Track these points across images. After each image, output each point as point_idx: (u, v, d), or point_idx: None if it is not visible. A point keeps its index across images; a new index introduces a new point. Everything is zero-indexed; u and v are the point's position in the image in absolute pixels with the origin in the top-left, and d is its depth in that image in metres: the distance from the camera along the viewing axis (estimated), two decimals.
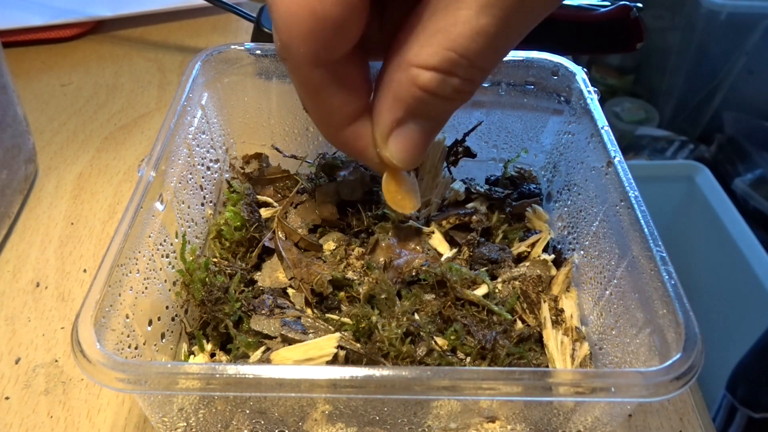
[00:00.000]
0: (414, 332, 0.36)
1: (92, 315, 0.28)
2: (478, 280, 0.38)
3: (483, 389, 0.27)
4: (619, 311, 0.35)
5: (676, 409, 0.39)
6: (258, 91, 0.47)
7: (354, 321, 0.36)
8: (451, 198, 0.45)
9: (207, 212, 0.44)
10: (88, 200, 0.51)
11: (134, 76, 0.64)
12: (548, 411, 0.31)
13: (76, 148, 0.56)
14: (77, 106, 0.60)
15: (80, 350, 0.27)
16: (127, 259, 0.32)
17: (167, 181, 0.37)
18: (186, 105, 0.40)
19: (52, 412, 0.38)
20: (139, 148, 0.56)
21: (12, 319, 0.42)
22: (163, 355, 0.36)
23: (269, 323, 0.36)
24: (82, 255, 0.47)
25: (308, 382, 0.27)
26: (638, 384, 0.27)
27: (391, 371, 0.27)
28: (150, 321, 0.34)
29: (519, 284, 0.39)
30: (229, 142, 0.48)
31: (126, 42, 0.69)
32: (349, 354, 0.34)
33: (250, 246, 0.42)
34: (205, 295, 0.37)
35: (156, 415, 0.31)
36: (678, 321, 0.29)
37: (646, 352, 0.31)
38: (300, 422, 0.32)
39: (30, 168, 0.51)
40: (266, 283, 0.40)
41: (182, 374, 0.27)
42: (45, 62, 0.65)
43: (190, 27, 0.71)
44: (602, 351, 0.36)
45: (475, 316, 0.37)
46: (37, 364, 0.40)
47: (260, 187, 0.47)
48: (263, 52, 0.45)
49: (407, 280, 0.39)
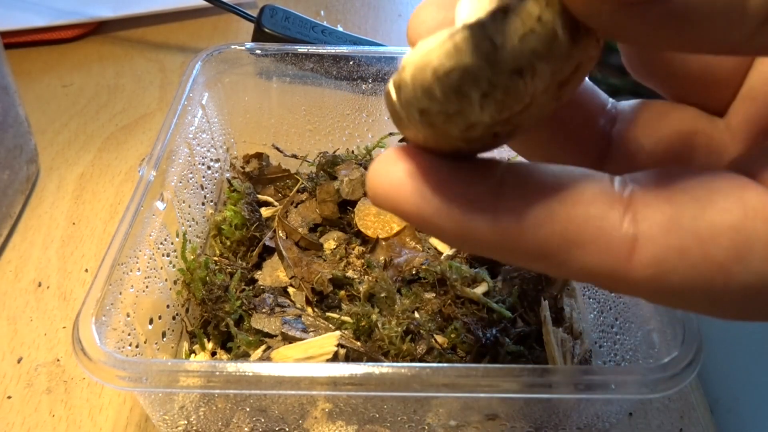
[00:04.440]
0: (414, 330, 0.36)
1: (93, 313, 0.28)
2: (478, 279, 0.38)
3: (482, 386, 0.27)
4: (618, 309, 0.35)
5: (677, 406, 0.39)
6: (258, 91, 0.47)
7: (354, 319, 0.36)
8: None
9: (207, 211, 0.44)
10: (90, 200, 0.51)
11: (135, 77, 0.64)
12: (548, 408, 0.31)
13: (78, 149, 0.56)
14: (79, 106, 0.60)
15: (81, 348, 0.27)
16: (128, 258, 0.32)
17: (168, 180, 0.37)
18: (187, 105, 0.40)
19: (54, 411, 0.38)
20: (141, 148, 0.56)
21: (14, 318, 0.42)
22: (164, 353, 0.36)
23: (270, 322, 0.36)
24: (84, 255, 0.47)
25: (308, 380, 0.27)
26: (638, 381, 0.27)
27: (391, 369, 0.27)
28: (151, 319, 0.34)
29: (519, 282, 0.39)
30: (229, 142, 0.48)
31: (127, 42, 0.69)
32: (350, 352, 0.34)
33: (250, 245, 0.42)
34: (206, 293, 0.38)
35: (157, 414, 0.31)
36: (677, 318, 0.29)
37: (646, 349, 0.31)
38: (300, 420, 0.32)
39: (32, 168, 0.51)
40: (267, 282, 0.40)
41: (183, 372, 0.27)
42: (46, 63, 0.66)
43: (190, 27, 0.72)
44: (602, 349, 0.36)
45: (475, 314, 0.37)
46: (39, 364, 0.40)
47: (261, 186, 0.47)
48: (263, 52, 0.45)
49: (407, 279, 0.39)
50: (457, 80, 0.14)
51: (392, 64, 0.46)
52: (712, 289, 0.14)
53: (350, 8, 0.76)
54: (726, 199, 0.14)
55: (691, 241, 0.13)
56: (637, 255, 0.14)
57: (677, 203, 0.14)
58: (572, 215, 0.14)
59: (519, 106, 0.14)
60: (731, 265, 0.13)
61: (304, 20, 0.58)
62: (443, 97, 0.14)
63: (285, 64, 0.46)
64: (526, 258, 0.15)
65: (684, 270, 0.14)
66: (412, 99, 0.15)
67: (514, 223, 0.14)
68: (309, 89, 0.47)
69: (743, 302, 0.14)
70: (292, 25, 0.57)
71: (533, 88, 0.14)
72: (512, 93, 0.14)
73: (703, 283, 0.14)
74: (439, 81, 0.14)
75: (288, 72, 0.46)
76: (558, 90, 0.15)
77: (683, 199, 0.14)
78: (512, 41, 0.13)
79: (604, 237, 0.14)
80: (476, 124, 0.15)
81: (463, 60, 0.14)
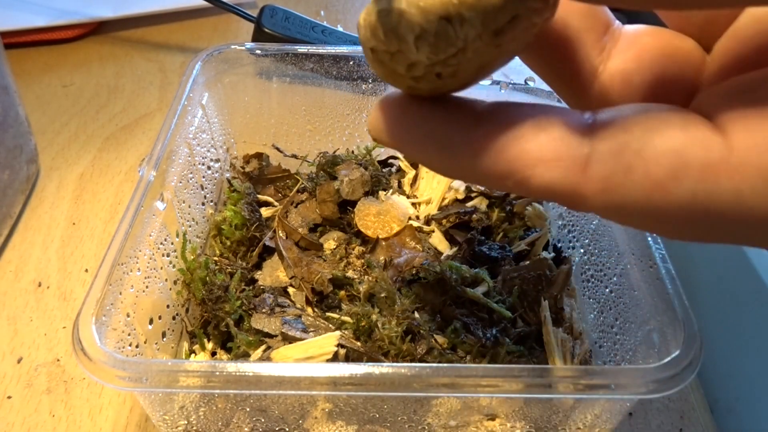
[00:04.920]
0: (414, 330, 0.36)
1: (93, 313, 0.28)
2: (478, 279, 0.38)
3: (483, 386, 0.27)
4: (618, 309, 0.35)
5: (677, 406, 0.39)
6: (258, 91, 0.47)
7: (354, 319, 0.36)
8: (451, 197, 0.45)
9: (207, 211, 0.44)
10: (90, 200, 0.51)
11: (135, 77, 0.65)
12: (548, 408, 0.31)
13: (78, 149, 0.56)
14: (79, 106, 0.60)
15: (81, 348, 0.27)
16: (128, 258, 0.32)
17: (168, 180, 0.37)
18: (187, 105, 0.40)
19: (54, 411, 0.38)
20: (141, 148, 0.56)
21: (14, 318, 0.42)
22: (164, 353, 0.36)
23: (270, 322, 0.36)
24: (84, 255, 0.47)
25: (308, 380, 0.27)
26: (638, 381, 0.27)
27: (391, 368, 0.27)
28: (151, 320, 0.34)
29: (519, 282, 0.39)
30: (229, 142, 0.48)
31: (127, 43, 0.69)
32: (350, 352, 0.34)
33: (250, 245, 0.42)
34: (206, 293, 0.38)
35: (157, 414, 0.31)
36: (677, 318, 0.29)
37: (646, 349, 0.31)
38: (300, 420, 0.32)
39: (32, 168, 0.51)
40: (267, 282, 0.40)
41: (183, 372, 0.27)
42: (46, 63, 0.66)
43: (190, 27, 0.72)
44: (602, 349, 0.36)
45: (476, 315, 0.37)
46: (39, 364, 0.40)
47: (261, 186, 0.47)
48: (263, 52, 0.45)
49: (407, 279, 0.39)
50: (394, 23, 0.16)
51: None
52: (652, 204, 0.16)
53: (350, 8, 0.76)
54: (673, 129, 0.16)
55: (636, 160, 0.16)
56: (589, 171, 0.16)
57: (630, 131, 0.16)
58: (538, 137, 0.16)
59: (453, 50, 0.16)
60: (668, 182, 0.15)
61: (304, 20, 0.58)
62: (385, 37, 0.16)
63: (285, 64, 0.46)
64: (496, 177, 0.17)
65: (628, 186, 0.16)
66: (364, 39, 0.17)
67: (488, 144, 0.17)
68: (309, 89, 0.47)
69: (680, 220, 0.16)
70: (292, 25, 0.57)
71: (464, 33, 0.16)
72: (443, 37, 0.16)
73: (644, 198, 0.16)
74: (380, 23, 0.16)
75: (288, 72, 0.46)
76: (494, 37, 0.16)
77: (636, 128, 0.16)
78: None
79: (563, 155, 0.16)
80: (416, 63, 0.17)
81: (398, 5, 0.16)
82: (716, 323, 0.44)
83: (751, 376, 0.40)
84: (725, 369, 0.42)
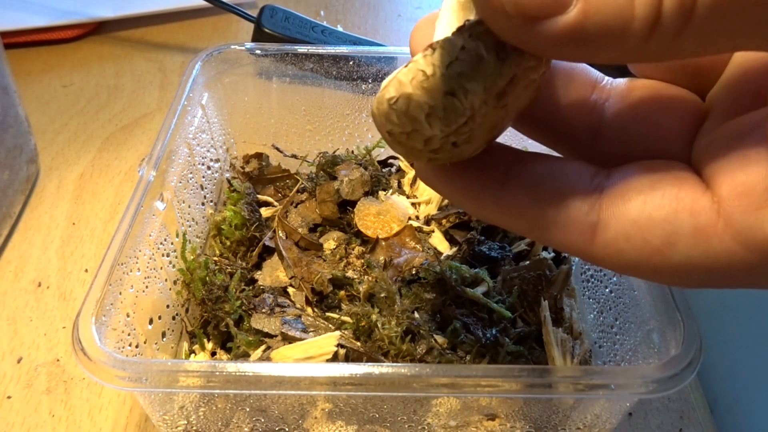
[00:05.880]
0: (414, 330, 0.36)
1: (93, 313, 0.28)
2: (478, 279, 0.38)
3: (482, 386, 0.27)
4: (618, 309, 0.35)
5: (677, 406, 0.39)
6: (258, 91, 0.47)
7: (354, 319, 0.36)
8: None
9: (207, 211, 0.44)
10: (90, 200, 0.51)
11: (135, 77, 0.64)
12: (548, 408, 0.31)
13: (78, 149, 0.56)
14: (78, 106, 0.60)
15: (81, 348, 0.27)
16: (127, 258, 0.32)
17: (168, 180, 0.37)
18: (186, 105, 0.40)
19: (53, 411, 0.38)
20: (141, 148, 0.56)
21: (14, 318, 0.42)
22: (164, 353, 0.36)
23: (270, 322, 0.36)
24: (84, 255, 0.47)
25: (308, 380, 0.27)
26: (638, 381, 0.27)
27: (391, 368, 0.27)
28: (151, 320, 0.34)
29: (519, 282, 0.39)
30: (229, 142, 0.48)
31: (127, 43, 0.69)
32: (349, 352, 0.34)
33: (250, 245, 0.42)
34: (206, 293, 0.38)
35: (157, 414, 0.31)
36: (677, 318, 0.29)
37: (646, 349, 0.31)
38: (300, 420, 0.32)
39: (32, 168, 0.51)
40: (267, 282, 0.40)
41: (183, 372, 0.27)
42: (46, 63, 0.66)
43: (190, 27, 0.72)
44: (602, 349, 0.36)
45: (475, 315, 0.37)
46: (38, 364, 0.40)
47: (261, 186, 0.47)
48: (263, 52, 0.45)
49: (407, 279, 0.39)
50: (404, 106, 0.17)
51: (392, 64, 0.46)
52: (652, 265, 0.18)
53: (350, 8, 0.76)
54: (663, 196, 0.17)
55: (634, 229, 0.17)
56: (597, 238, 0.18)
57: (629, 199, 0.18)
58: (553, 203, 0.19)
59: (462, 119, 0.18)
60: (664, 248, 0.17)
61: (304, 20, 0.58)
62: (398, 120, 0.18)
63: (285, 64, 0.46)
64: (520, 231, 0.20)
65: (630, 251, 0.18)
66: (379, 125, 0.19)
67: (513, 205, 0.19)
68: (309, 89, 0.47)
69: (678, 274, 0.18)
70: (292, 25, 0.57)
71: (470, 103, 0.17)
72: (451, 110, 0.17)
73: (645, 260, 0.18)
74: (392, 108, 0.18)
75: (288, 72, 0.46)
76: (498, 100, 0.18)
77: (632, 194, 0.18)
78: (441, 70, 0.17)
79: (574, 223, 0.18)
80: (431, 137, 0.18)
81: (404, 90, 0.17)
82: (716, 323, 0.44)
83: (751, 376, 0.40)
84: (725, 369, 0.42)
